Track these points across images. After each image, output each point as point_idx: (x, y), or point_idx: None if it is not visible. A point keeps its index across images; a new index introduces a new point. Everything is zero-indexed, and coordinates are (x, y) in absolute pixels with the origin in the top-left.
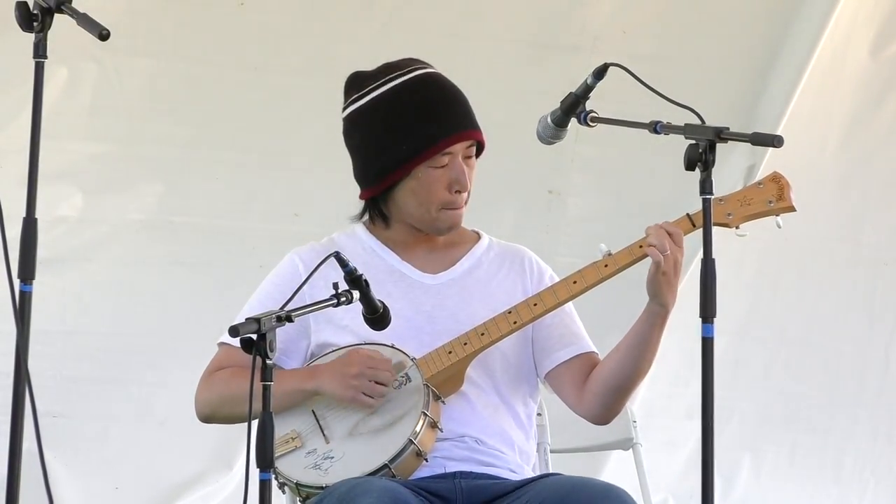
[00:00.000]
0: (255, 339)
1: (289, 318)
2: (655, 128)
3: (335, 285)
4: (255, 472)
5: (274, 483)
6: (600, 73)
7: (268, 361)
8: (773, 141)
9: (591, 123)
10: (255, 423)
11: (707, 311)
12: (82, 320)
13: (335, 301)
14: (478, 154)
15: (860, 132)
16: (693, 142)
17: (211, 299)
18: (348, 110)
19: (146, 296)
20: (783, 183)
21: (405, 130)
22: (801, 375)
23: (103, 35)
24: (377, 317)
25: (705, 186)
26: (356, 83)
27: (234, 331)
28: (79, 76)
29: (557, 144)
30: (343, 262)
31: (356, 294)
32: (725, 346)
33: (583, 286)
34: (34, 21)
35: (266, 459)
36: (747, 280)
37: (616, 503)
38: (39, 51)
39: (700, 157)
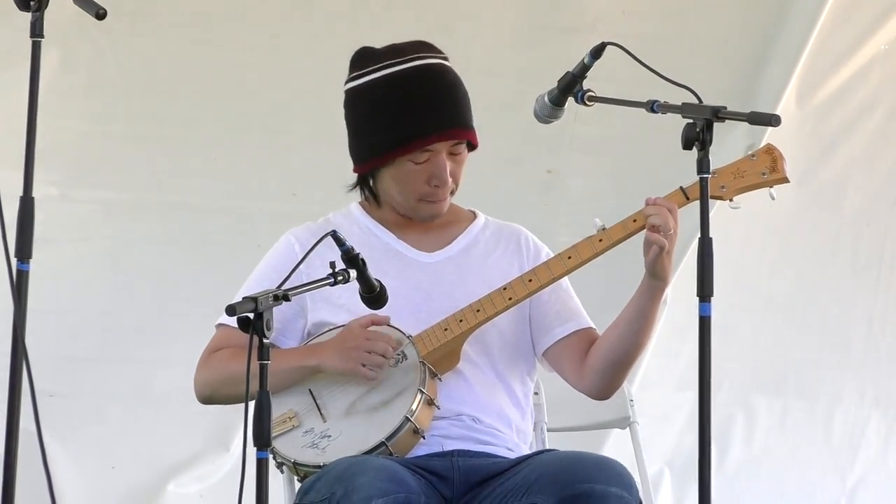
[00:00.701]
0: (251, 319)
1: (285, 297)
2: (652, 107)
3: (332, 264)
4: (252, 451)
5: (272, 462)
6: (597, 51)
7: (265, 340)
8: (771, 120)
9: (587, 102)
10: (252, 403)
11: (704, 289)
12: (78, 300)
13: (332, 280)
14: (474, 146)
15: (842, 101)
16: (690, 121)
17: (208, 279)
18: (348, 85)
19: (142, 275)
20: (776, 154)
21: (388, 122)
22: (788, 341)
23: (100, 14)
24: (374, 296)
25: (702, 165)
26: (361, 60)
27: (230, 310)
28: (74, 56)
29: (556, 125)
30: (340, 241)
31: (353, 273)
32: (713, 314)
33: (577, 261)
34: (31, 0)
35: (263, 438)
36: (733, 248)
37: (610, 473)
38: (36, 30)
39: (697, 137)
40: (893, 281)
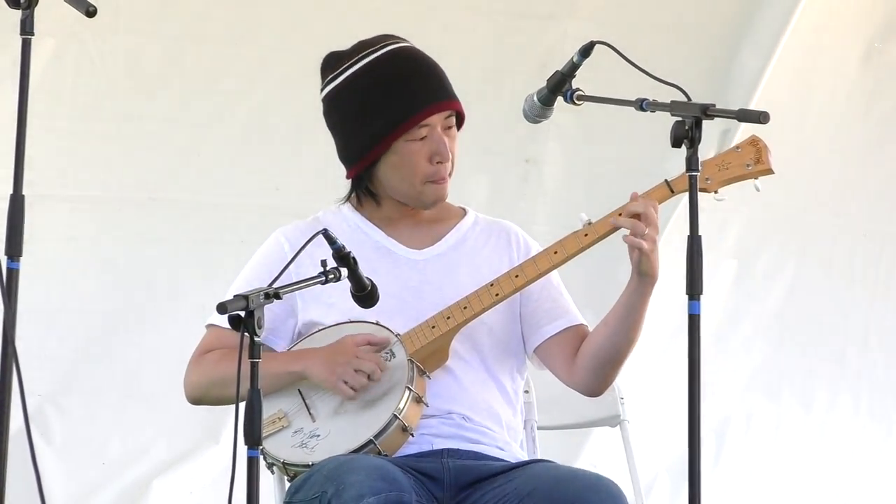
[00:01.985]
0: (242, 317)
1: (277, 295)
2: (642, 105)
3: (323, 262)
4: (242, 450)
5: (262, 464)
6: (586, 51)
7: (256, 339)
8: (760, 117)
9: (577, 102)
10: (242, 404)
11: (694, 288)
12: (66, 299)
13: (323, 278)
14: (459, 125)
15: (841, 103)
16: (679, 119)
17: (193, 275)
18: (325, 91)
19: (128, 272)
20: (761, 146)
21: (380, 106)
22: (782, 349)
23: (90, 12)
24: (365, 294)
25: (691, 163)
26: (331, 63)
27: (221, 308)
28: (60, 54)
29: None
30: (331, 240)
31: (344, 271)
32: (706, 319)
33: (563, 256)
34: None
35: (254, 437)
36: (728, 252)
37: (604, 495)
38: (26, 27)
39: (686, 134)
40: (890, 291)
